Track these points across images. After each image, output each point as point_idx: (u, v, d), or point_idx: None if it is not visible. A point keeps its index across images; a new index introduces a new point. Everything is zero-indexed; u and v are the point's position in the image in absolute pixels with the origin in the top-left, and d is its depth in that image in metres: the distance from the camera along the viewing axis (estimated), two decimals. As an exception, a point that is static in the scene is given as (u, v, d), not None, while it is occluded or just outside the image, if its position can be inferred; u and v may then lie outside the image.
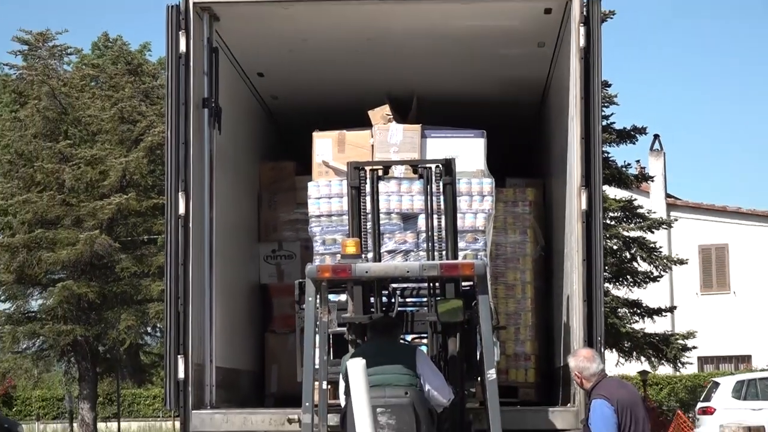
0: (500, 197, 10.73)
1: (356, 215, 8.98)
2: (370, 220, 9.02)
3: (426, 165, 9.14)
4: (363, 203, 9.00)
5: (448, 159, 8.95)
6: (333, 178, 10.07)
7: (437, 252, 8.91)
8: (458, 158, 9.13)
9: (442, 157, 9.05)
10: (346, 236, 8.91)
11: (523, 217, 11.62)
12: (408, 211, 9.80)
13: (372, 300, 8.47)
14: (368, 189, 9.00)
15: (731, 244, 38.31)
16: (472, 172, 9.97)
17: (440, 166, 8.94)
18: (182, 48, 9.59)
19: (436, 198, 8.96)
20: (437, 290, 8.47)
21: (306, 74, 11.92)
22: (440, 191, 8.93)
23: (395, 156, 10.01)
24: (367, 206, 9.00)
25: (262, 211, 12.23)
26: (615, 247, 25.26)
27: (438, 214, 8.93)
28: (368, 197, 9.00)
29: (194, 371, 9.39)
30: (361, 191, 8.99)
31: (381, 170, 9.18)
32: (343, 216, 9.62)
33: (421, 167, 9.19)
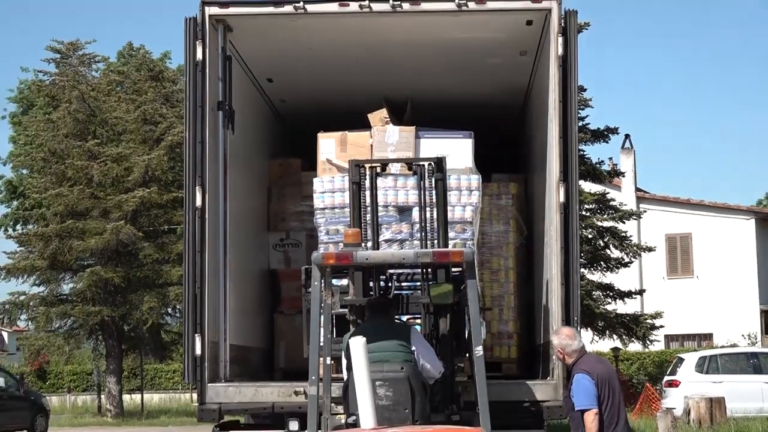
0: (486, 191, 10.71)
1: (357, 208, 8.99)
2: (369, 213, 9.03)
3: (420, 163, 9.15)
4: (363, 197, 9.01)
5: (440, 157, 8.96)
6: (336, 175, 10.06)
7: (429, 241, 8.92)
8: (449, 157, 9.12)
9: (435, 156, 9.06)
10: (348, 227, 8.89)
11: (507, 209, 11.60)
12: (403, 205, 9.78)
13: (371, 284, 8.48)
14: (368, 184, 9.00)
15: (694, 233, 38.25)
16: (461, 170, 9.96)
17: (432, 164, 8.95)
18: (199, 56, 9.57)
19: (429, 192, 8.96)
20: (430, 275, 8.47)
21: (311, 80, 11.90)
22: (432, 186, 8.93)
23: (392, 155, 10.01)
24: (367, 200, 9.00)
25: (271, 204, 12.20)
26: (590, 236, 25.30)
27: (430, 207, 8.94)
28: (367, 192, 9.01)
29: (210, 348, 9.40)
30: (361, 186, 9.00)
31: (379, 167, 9.20)
32: (345, 209, 9.61)
33: (416, 165, 9.21)
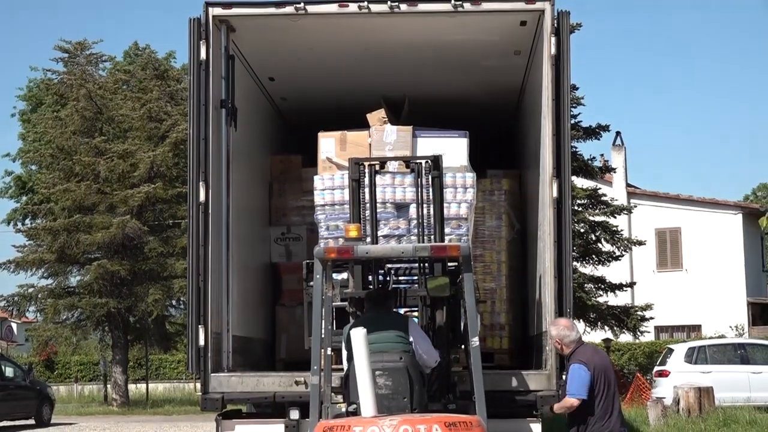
0: (479, 187, 10.70)
1: (356, 204, 9.00)
2: (368, 209, 9.02)
3: (417, 161, 9.16)
4: (362, 194, 9.01)
5: (436, 156, 8.97)
6: (336, 173, 10.05)
7: (426, 236, 8.94)
8: (445, 155, 9.14)
9: (431, 154, 9.08)
10: (348, 223, 8.90)
11: (499, 204, 11.59)
12: (401, 201, 9.78)
13: (370, 278, 8.49)
14: (366, 182, 9.01)
15: (684, 228, 38.31)
16: (457, 167, 9.96)
17: (429, 162, 8.96)
18: (203, 55, 9.56)
19: (426, 190, 8.98)
20: (427, 269, 8.49)
21: (312, 79, 11.89)
22: (429, 184, 8.95)
23: (390, 153, 10.01)
24: (366, 197, 9.01)
25: (273, 199, 12.19)
26: (582, 230, 25.32)
27: (427, 204, 8.96)
28: (366, 189, 9.01)
29: (213, 339, 9.40)
30: (361, 184, 9.01)
31: (378, 165, 9.20)
32: (345, 205, 9.61)
33: (413, 163, 9.22)
